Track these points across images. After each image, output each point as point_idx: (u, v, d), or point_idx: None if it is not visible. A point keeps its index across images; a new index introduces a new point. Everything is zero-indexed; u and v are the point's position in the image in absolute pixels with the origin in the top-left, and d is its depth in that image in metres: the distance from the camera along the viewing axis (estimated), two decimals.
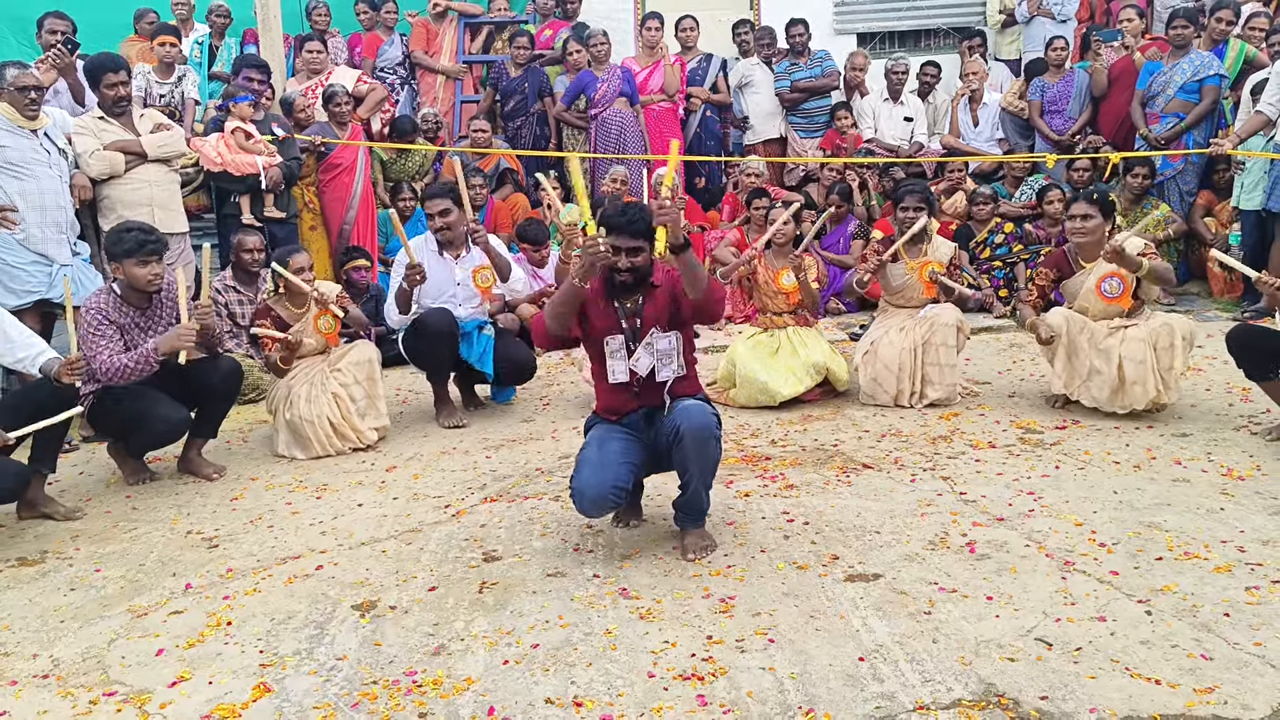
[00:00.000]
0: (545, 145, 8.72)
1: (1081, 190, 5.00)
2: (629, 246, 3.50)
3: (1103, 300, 4.91)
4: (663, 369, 3.60)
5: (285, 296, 5.15)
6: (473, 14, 9.54)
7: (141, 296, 4.56)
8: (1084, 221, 4.91)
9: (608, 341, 3.63)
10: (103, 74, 5.76)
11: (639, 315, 3.61)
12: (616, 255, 3.50)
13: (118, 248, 4.44)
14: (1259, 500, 3.81)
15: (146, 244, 4.44)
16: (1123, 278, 4.85)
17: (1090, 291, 4.94)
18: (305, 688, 2.82)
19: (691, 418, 3.45)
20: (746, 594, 3.23)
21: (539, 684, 2.78)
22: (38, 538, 4.10)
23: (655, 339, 3.58)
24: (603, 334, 3.63)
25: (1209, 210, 7.58)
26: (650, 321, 3.59)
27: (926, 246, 5.42)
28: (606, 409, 3.72)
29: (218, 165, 6.71)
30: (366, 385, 5.11)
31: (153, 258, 4.46)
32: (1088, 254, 4.99)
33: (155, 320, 4.62)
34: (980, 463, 4.37)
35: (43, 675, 2.98)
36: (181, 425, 4.63)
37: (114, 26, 9.02)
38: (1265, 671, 2.66)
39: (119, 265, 4.46)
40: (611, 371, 3.63)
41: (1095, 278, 4.93)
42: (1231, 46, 7.59)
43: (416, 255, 5.17)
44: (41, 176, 5.41)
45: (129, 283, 4.48)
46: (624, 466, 3.51)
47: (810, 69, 8.88)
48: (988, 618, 3.01)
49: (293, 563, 3.69)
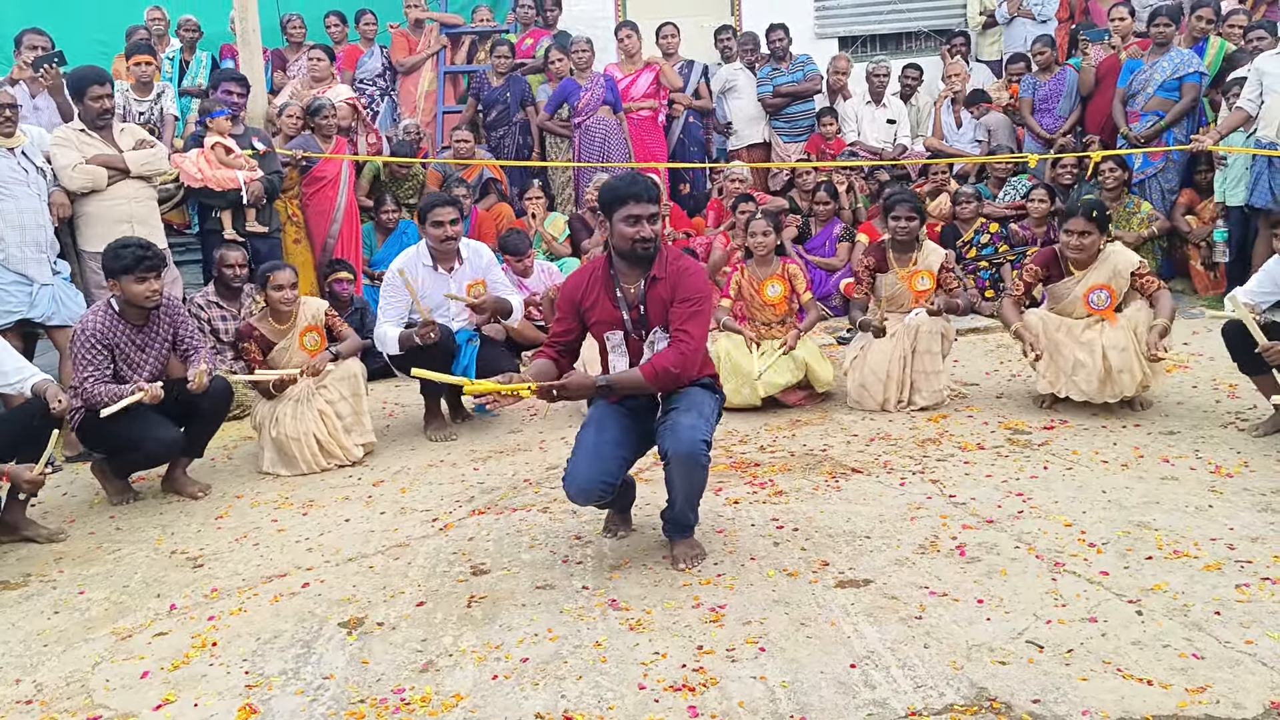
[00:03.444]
0: (528, 155, 8.71)
1: (1081, 205, 4.94)
2: (649, 214, 3.42)
3: (1089, 311, 4.93)
4: None
5: (269, 314, 5.11)
6: (453, 24, 9.54)
7: (139, 313, 4.52)
8: (1081, 238, 4.90)
9: (607, 337, 3.57)
10: (88, 86, 5.70)
11: (642, 304, 3.51)
12: (637, 225, 3.41)
13: (115, 264, 4.40)
14: (1247, 497, 3.81)
15: (144, 260, 4.39)
16: (1111, 292, 4.87)
17: (1077, 301, 4.96)
18: (292, 708, 2.79)
19: (680, 440, 3.35)
20: (737, 602, 3.21)
21: (529, 698, 2.75)
22: (20, 560, 4.06)
23: (657, 338, 3.51)
24: (604, 328, 3.56)
25: (1191, 208, 7.60)
26: (655, 310, 3.49)
27: (917, 255, 5.41)
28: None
29: (198, 181, 6.67)
30: (352, 401, 5.08)
31: (150, 274, 4.42)
32: (1079, 263, 4.99)
33: (152, 338, 4.58)
34: (969, 465, 4.37)
35: (26, 701, 2.94)
36: (175, 445, 4.61)
37: (95, 44, 9.03)
38: (1257, 670, 2.65)
39: (116, 282, 4.42)
40: (612, 366, 3.57)
41: (1084, 288, 4.94)
42: (1211, 44, 7.62)
43: (409, 272, 5.16)
44: (20, 195, 5.37)
45: (127, 299, 4.44)
46: (615, 460, 3.48)
47: (792, 73, 8.88)
48: (979, 621, 3.00)
49: (279, 581, 3.65)
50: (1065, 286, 5.04)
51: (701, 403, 3.49)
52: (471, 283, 5.38)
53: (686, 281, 3.48)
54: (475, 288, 5.38)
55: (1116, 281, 4.89)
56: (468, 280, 5.38)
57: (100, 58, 8.43)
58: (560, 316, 3.67)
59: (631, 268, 3.52)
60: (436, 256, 5.35)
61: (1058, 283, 5.08)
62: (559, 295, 3.78)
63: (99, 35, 9.22)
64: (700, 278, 3.53)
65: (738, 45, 9.22)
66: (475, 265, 5.45)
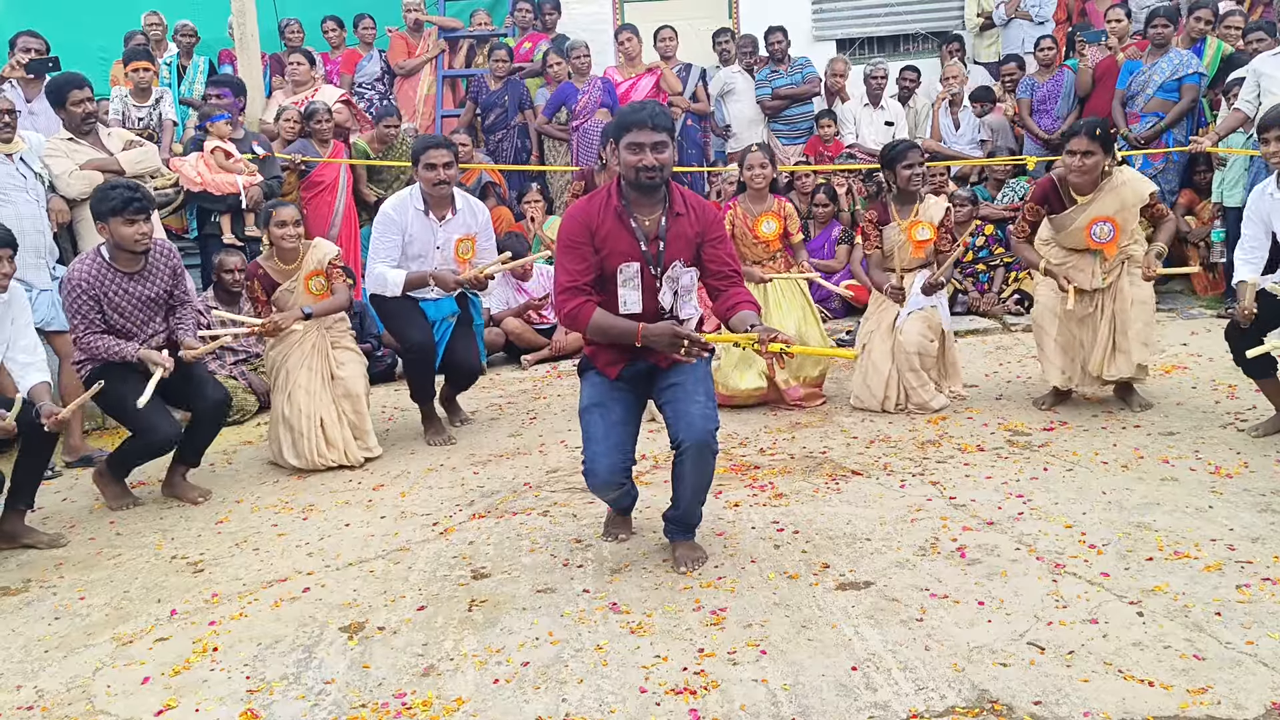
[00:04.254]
0: (527, 158, 8.72)
1: (1083, 124, 4.79)
2: (653, 142, 3.29)
3: (1091, 244, 4.78)
4: (683, 305, 3.42)
5: (276, 254, 5.08)
6: (452, 28, 9.55)
7: (130, 258, 4.46)
8: (1084, 159, 4.66)
9: (621, 269, 3.36)
10: (67, 92, 5.64)
11: (661, 239, 3.38)
12: (640, 153, 3.29)
13: (103, 205, 4.36)
14: (1247, 497, 3.81)
15: (133, 201, 4.34)
16: (1116, 226, 4.72)
17: (1078, 232, 4.79)
18: (293, 713, 2.79)
19: (694, 430, 3.30)
20: (738, 605, 3.21)
21: (530, 702, 2.75)
22: (20, 566, 4.05)
23: (678, 271, 3.38)
24: (618, 260, 3.36)
25: (1190, 209, 7.61)
26: (674, 247, 3.38)
27: (918, 207, 5.27)
28: (606, 361, 3.49)
29: (198, 185, 6.68)
30: (355, 419, 5.08)
31: (140, 216, 4.37)
32: (1081, 188, 4.78)
33: (148, 288, 4.52)
34: (969, 466, 4.37)
35: (27, 707, 2.94)
36: (174, 440, 4.60)
37: (96, 49, 9.04)
38: (1258, 670, 2.65)
39: (105, 225, 4.39)
40: (623, 301, 3.39)
41: (1087, 218, 4.75)
42: (1209, 45, 7.63)
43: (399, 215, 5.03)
44: (18, 202, 5.36)
45: (117, 243, 4.40)
46: (630, 441, 3.53)
47: (791, 76, 8.89)
48: (980, 623, 3.00)
49: (279, 585, 3.65)
50: (1068, 216, 4.82)
51: (706, 378, 3.47)
52: (462, 237, 5.15)
53: (713, 219, 3.48)
54: (464, 243, 5.16)
55: (1124, 215, 4.72)
56: (459, 234, 5.15)
57: (99, 64, 8.47)
58: (576, 252, 3.39)
59: (643, 199, 3.39)
60: (429, 202, 5.09)
61: (1060, 213, 4.86)
62: (562, 231, 3.46)
63: (99, 41, 9.23)
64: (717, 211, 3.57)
65: (736, 48, 9.22)
66: (469, 220, 5.22)
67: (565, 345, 6.97)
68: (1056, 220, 4.90)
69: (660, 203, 3.42)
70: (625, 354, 3.46)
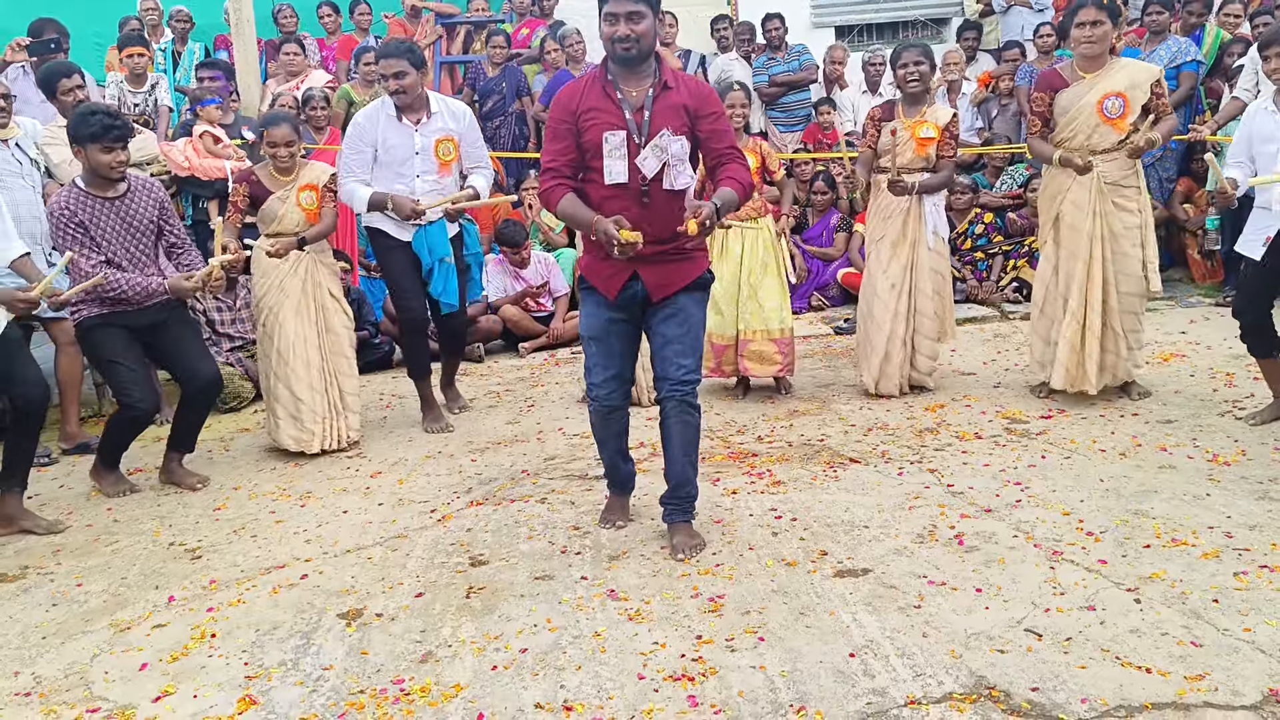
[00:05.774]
0: (524, 145, 8.68)
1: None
2: (628, 11, 3.24)
3: (1102, 119, 4.65)
4: (677, 175, 3.33)
5: (272, 165, 5.01)
6: (449, 14, 9.50)
7: (106, 184, 4.44)
8: (1094, 29, 4.56)
9: (607, 138, 3.29)
10: (57, 81, 5.63)
11: (646, 109, 3.32)
12: (614, 24, 3.25)
13: (82, 130, 4.33)
14: (1245, 485, 3.81)
15: (112, 129, 4.33)
16: (1126, 100, 4.61)
17: (1090, 108, 4.65)
18: (291, 699, 2.79)
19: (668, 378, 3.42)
20: (735, 592, 3.21)
21: (528, 689, 2.75)
22: (17, 553, 4.05)
23: (666, 140, 3.29)
24: (603, 129, 3.30)
25: (1188, 197, 7.60)
26: (661, 117, 3.31)
27: (925, 109, 5.14)
28: (604, 276, 3.45)
29: (185, 170, 6.65)
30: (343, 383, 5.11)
31: (117, 144, 4.36)
32: (1088, 65, 4.68)
33: (131, 218, 4.50)
34: (967, 454, 4.37)
35: (24, 693, 2.94)
36: (152, 414, 4.73)
37: (91, 35, 8.99)
38: (1255, 657, 2.66)
39: (82, 149, 4.37)
40: (608, 171, 3.31)
41: (1097, 94, 4.63)
42: (1208, 32, 7.61)
43: (370, 124, 4.96)
44: (14, 188, 5.32)
45: (92, 168, 4.39)
46: (624, 376, 3.59)
47: (788, 63, 8.87)
48: (977, 610, 3.00)
49: (277, 572, 3.65)
50: (1076, 93, 4.69)
51: (698, 322, 3.48)
52: (441, 138, 5.02)
53: (707, 94, 3.44)
54: (444, 144, 5.03)
55: (1134, 93, 4.61)
56: (437, 135, 5.01)
57: (95, 50, 8.42)
58: (557, 133, 3.39)
59: (628, 74, 3.35)
60: (400, 106, 4.96)
61: (1067, 90, 4.73)
62: (549, 114, 3.46)
63: (94, 27, 9.18)
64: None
65: (734, 35, 9.20)
66: (448, 122, 5.08)
67: (563, 333, 6.96)
68: (1064, 101, 4.73)
69: (649, 76, 3.39)
70: (619, 271, 3.41)
